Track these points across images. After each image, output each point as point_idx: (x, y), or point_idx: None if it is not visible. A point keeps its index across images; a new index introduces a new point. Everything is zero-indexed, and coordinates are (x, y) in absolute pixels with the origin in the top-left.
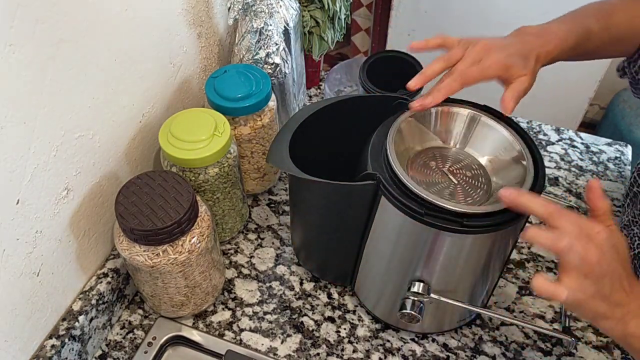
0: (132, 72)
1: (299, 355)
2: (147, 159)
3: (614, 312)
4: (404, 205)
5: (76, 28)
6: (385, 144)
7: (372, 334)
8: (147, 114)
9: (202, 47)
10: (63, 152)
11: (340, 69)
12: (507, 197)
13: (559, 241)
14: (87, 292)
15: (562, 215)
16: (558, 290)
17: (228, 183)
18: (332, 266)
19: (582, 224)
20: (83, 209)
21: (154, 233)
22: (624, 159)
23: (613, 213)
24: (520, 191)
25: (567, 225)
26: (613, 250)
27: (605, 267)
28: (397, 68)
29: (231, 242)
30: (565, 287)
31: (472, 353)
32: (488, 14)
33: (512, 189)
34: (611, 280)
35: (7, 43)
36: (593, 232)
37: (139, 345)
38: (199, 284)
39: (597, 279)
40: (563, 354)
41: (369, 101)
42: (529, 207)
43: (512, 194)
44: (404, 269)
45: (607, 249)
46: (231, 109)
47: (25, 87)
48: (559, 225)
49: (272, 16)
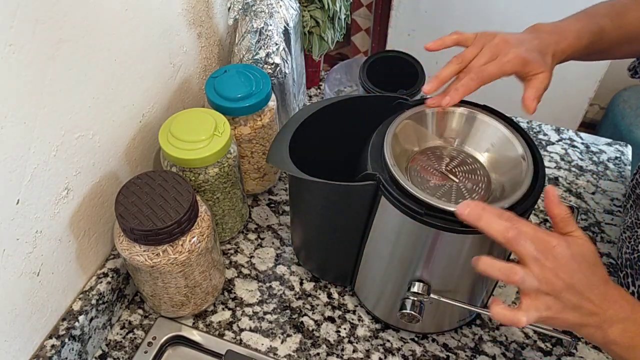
0: (132, 72)
1: (299, 355)
2: (147, 159)
3: (588, 320)
4: (404, 206)
5: (76, 28)
6: (382, 147)
7: (372, 334)
8: (147, 114)
9: (202, 47)
10: (63, 152)
11: (340, 69)
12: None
13: (513, 275)
14: (87, 292)
15: (519, 239)
16: (517, 316)
17: (228, 183)
18: (332, 266)
19: (539, 241)
20: (83, 209)
21: (154, 233)
22: (624, 159)
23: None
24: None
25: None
26: (573, 262)
27: (567, 280)
28: (397, 68)
29: (231, 242)
30: (525, 311)
31: (472, 353)
32: (488, 14)
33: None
34: (576, 291)
35: (7, 43)
36: (549, 247)
37: (139, 345)
38: (199, 284)
39: (560, 294)
40: (563, 354)
41: (369, 101)
42: (488, 230)
43: (470, 215)
44: (404, 269)
45: (566, 261)
46: (231, 109)
47: (25, 87)
48: (517, 250)
49: (272, 16)
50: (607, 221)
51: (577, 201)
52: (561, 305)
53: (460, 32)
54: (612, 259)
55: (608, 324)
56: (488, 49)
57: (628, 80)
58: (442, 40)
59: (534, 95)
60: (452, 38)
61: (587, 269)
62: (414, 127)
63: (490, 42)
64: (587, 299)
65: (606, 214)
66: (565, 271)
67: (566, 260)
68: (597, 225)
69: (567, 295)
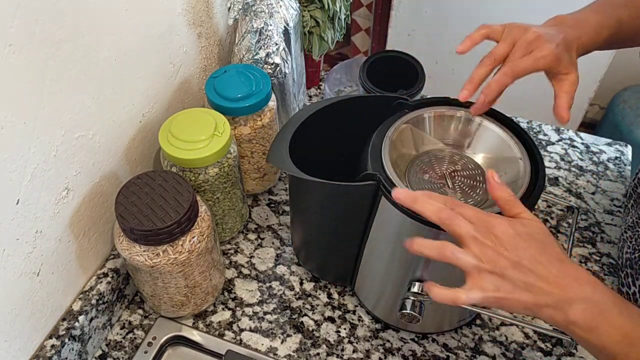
0: (132, 72)
1: (299, 355)
2: (147, 159)
3: (544, 300)
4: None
5: (76, 28)
6: (382, 149)
7: (372, 334)
8: (147, 114)
9: (202, 47)
10: (63, 152)
11: (340, 69)
12: (399, 199)
13: (444, 249)
14: (87, 292)
15: (453, 219)
16: (457, 294)
17: (228, 183)
18: (332, 266)
19: (479, 221)
20: (83, 209)
21: (154, 233)
22: (624, 159)
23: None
24: (414, 195)
25: (461, 228)
26: (519, 239)
27: (512, 258)
28: (397, 68)
29: (231, 242)
30: (467, 290)
31: (472, 353)
32: (488, 14)
33: (405, 192)
34: (524, 268)
35: (7, 43)
36: (489, 226)
37: (139, 345)
38: (199, 284)
39: (504, 272)
40: (563, 354)
41: (369, 101)
42: (422, 212)
43: (406, 198)
44: (404, 269)
45: (509, 238)
46: (231, 109)
47: (25, 87)
48: (452, 230)
49: (272, 16)
50: (607, 221)
51: (577, 201)
52: (510, 285)
53: (488, 25)
54: (612, 259)
55: (567, 304)
56: (521, 45)
57: (628, 80)
58: (470, 38)
59: (568, 103)
60: (481, 33)
61: (535, 247)
62: (412, 131)
63: (523, 37)
64: (539, 276)
65: (606, 214)
66: (508, 248)
67: (509, 238)
68: (597, 225)
69: (513, 273)
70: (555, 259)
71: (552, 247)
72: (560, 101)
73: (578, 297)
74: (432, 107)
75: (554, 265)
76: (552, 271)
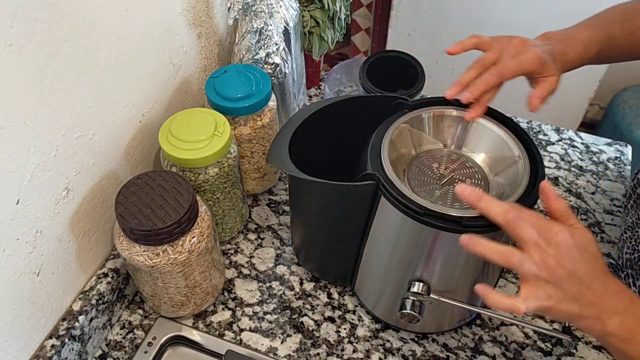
0: (132, 72)
1: (299, 355)
2: (147, 159)
3: (588, 311)
4: (404, 206)
5: (76, 28)
6: (381, 148)
7: (372, 334)
8: (147, 114)
9: (202, 47)
10: (63, 152)
11: (340, 69)
12: (464, 196)
13: (511, 257)
14: (87, 292)
15: (520, 222)
16: (516, 304)
17: (228, 183)
18: (332, 266)
19: (541, 228)
20: (83, 209)
21: (154, 233)
22: (624, 159)
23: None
24: (479, 194)
25: (526, 233)
26: (576, 250)
27: (569, 268)
28: (397, 68)
29: (231, 242)
30: (524, 299)
31: (472, 353)
32: (488, 14)
33: (470, 188)
34: (577, 280)
35: (7, 43)
36: (551, 234)
37: (139, 345)
38: (199, 284)
39: (560, 282)
40: (563, 354)
41: (369, 101)
42: (488, 211)
43: (470, 195)
44: (403, 269)
45: (568, 249)
46: (231, 109)
47: (25, 87)
48: (517, 234)
49: (272, 16)
50: (607, 221)
51: (577, 201)
52: (562, 295)
53: (479, 36)
54: (612, 259)
55: (607, 315)
56: (508, 50)
57: (628, 80)
58: (461, 43)
59: (541, 94)
60: (471, 41)
61: (588, 259)
62: (411, 131)
63: (509, 42)
64: (589, 288)
65: (606, 214)
66: (567, 259)
67: (568, 248)
68: (597, 225)
69: (568, 284)
70: (601, 272)
71: (600, 260)
72: (534, 92)
73: (617, 310)
74: (432, 107)
75: (600, 278)
76: (598, 284)
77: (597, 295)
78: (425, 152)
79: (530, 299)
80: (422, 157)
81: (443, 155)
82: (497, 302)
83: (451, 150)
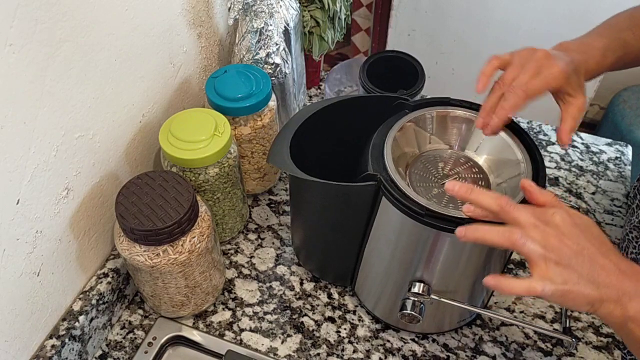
0: (132, 72)
1: (299, 355)
2: (147, 159)
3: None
4: (405, 206)
5: (76, 28)
6: (383, 148)
7: (373, 334)
8: (147, 114)
9: (202, 47)
10: (63, 152)
11: (340, 69)
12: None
13: (512, 234)
14: (87, 292)
15: (514, 206)
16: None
17: (228, 183)
18: (332, 266)
19: (535, 211)
20: (83, 209)
21: (154, 233)
22: (624, 159)
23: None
24: (469, 186)
25: (521, 215)
26: (577, 229)
27: (574, 247)
28: (397, 68)
29: (231, 242)
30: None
31: (472, 353)
32: (488, 14)
33: (460, 184)
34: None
35: (7, 43)
36: (548, 216)
37: (139, 345)
38: (199, 284)
39: (569, 262)
40: (563, 354)
41: (369, 101)
42: (479, 202)
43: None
44: (404, 269)
45: (569, 228)
46: (231, 109)
47: (25, 87)
48: (513, 217)
49: (272, 16)
50: (607, 221)
51: (577, 201)
52: (576, 277)
53: (498, 56)
54: None
55: (627, 297)
56: (530, 65)
57: (628, 80)
58: (484, 74)
59: (572, 127)
60: (493, 65)
61: (592, 237)
62: (414, 130)
63: (532, 56)
64: (601, 266)
65: (606, 214)
66: (570, 237)
67: (568, 227)
68: (597, 225)
69: (578, 263)
70: (610, 251)
71: (606, 240)
72: (564, 125)
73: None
74: (432, 107)
75: (610, 258)
76: (610, 264)
77: (613, 275)
78: (427, 153)
79: (545, 281)
80: (423, 157)
81: (445, 156)
82: (512, 286)
83: (454, 151)
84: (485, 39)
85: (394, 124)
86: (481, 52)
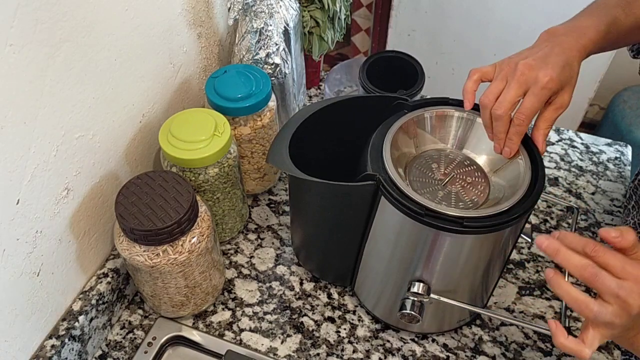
0: (132, 72)
1: (299, 355)
2: (147, 159)
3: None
4: (404, 206)
5: (76, 28)
6: (382, 148)
7: (372, 334)
8: (147, 114)
9: (202, 47)
10: (63, 152)
11: (340, 69)
12: (543, 247)
13: (587, 309)
14: (87, 292)
15: (597, 276)
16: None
17: (228, 183)
18: (332, 266)
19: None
20: (83, 209)
21: (154, 233)
22: (624, 159)
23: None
24: (557, 247)
25: (604, 285)
26: None
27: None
28: (397, 68)
29: (231, 242)
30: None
31: (472, 353)
32: (488, 14)
33: (550, 240)
34: None
35: (7, 43)
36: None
37: (139, 345)
38: (199, 284)
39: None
40: (563, 354)
41: (369, 101)
42: (565, 266)
43: (548, 247)
44: (403, 269)
45: None
46: (231, 109)
47: (25, 87)
48: (596, 287)
49: (272, 16)
50: (607, 221)
51: (577, 201)
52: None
53: (478, 69)
54: None
55: None
56: (514, 82)
57: (628, 81)
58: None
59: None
60: (474, 80)
61: None
62: (413, 130)
63: (514, 72)
64: None
65: (606, 214)
66: None
67: None
68: (597, 225)
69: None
70: None
71: None
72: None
73: None
74: (432, 107)
75: None
76: None
77: None
78: (426, 153)
79: (595, 342)
80: (422, 157)
81: (444, 156)
82: (564, 346)
83: (452, 150)
84: (485, 39)
85: (393, 124)
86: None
